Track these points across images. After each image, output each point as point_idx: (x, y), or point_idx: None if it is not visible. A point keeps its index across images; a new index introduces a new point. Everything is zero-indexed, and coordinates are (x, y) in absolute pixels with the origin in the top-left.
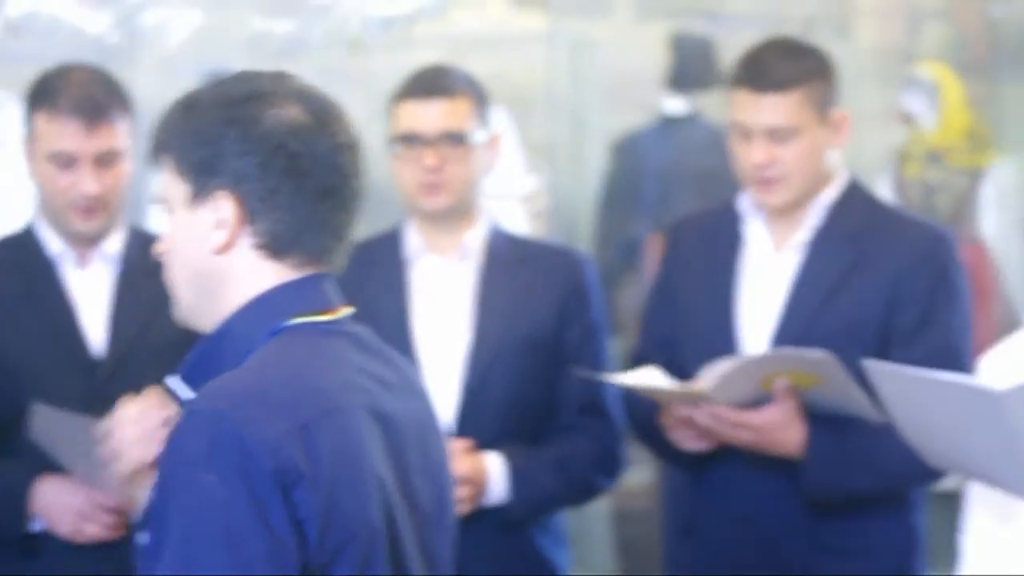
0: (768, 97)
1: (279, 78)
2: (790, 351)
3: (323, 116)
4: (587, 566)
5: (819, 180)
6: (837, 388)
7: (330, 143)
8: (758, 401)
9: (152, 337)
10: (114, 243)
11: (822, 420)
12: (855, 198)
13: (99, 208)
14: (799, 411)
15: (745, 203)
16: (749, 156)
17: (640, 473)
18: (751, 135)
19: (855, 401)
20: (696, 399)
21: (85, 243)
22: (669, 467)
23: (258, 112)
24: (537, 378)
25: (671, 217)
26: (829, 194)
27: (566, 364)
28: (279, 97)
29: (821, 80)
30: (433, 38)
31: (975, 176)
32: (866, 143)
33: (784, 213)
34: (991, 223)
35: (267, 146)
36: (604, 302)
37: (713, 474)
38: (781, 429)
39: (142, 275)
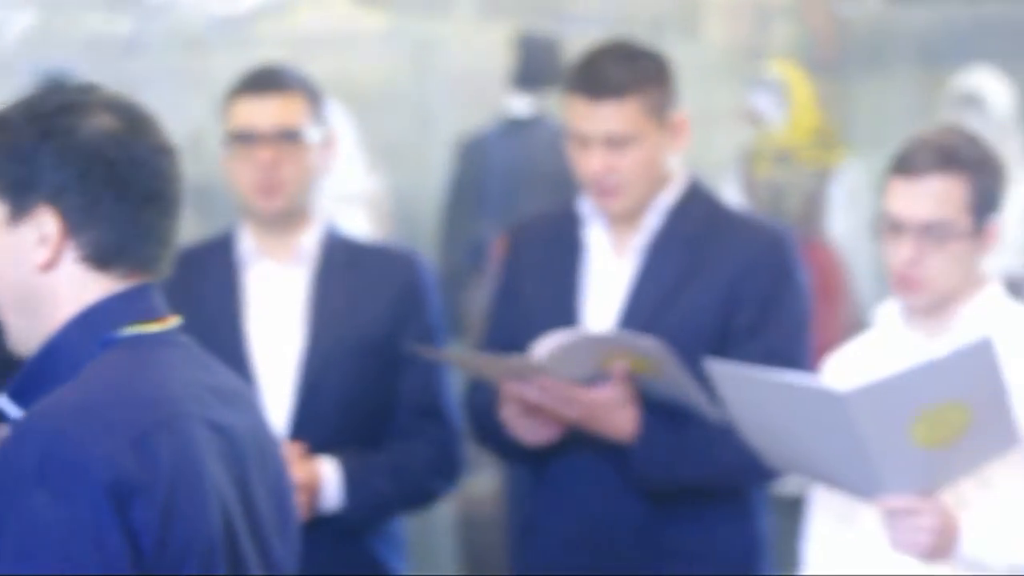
0: (604, 105)
1: (87, 89)
2: (625, 334)
3: (137, 123)
4: (431, 573)
5: (658, 184)
6: (673, 380)
7: (147, 149)
8: (595, 382)
9: None
10: None
11: (656, 408)
12: (695, 201)
13: None
14: (633, 395)
15: (586, 207)
16: (587, 164)
17: (485, 478)
18: (588, 143)
19: (691, 396)
20: (530, 372)
21: None
22: (512, 467)
23: (72, 123)
24: (372, 382)
25: (517, 219)
26: (668, 197)
27: (401, 367)
28: (91, 107)
29: (658, 84)
30: (275, 37)
31: (824, 176)
32: (715, 143)
33: (624, 218)
34: (840, 223)
35: (85, 156)
36: (445, 304)
37: (555, 472)
38: (613, 409)
39: None
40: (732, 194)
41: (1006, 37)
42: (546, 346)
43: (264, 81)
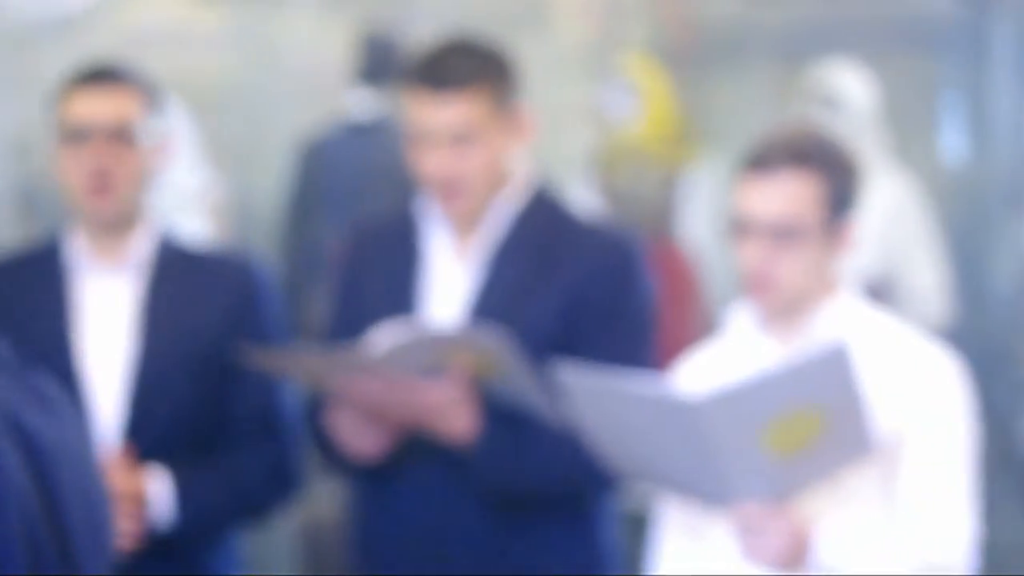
0: (445, 97)
1: None
2: (468, 330)
3: None
4: None
5: (500, 182)
6: (515, 380)
7: None
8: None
9: None
10: None
11: (498, 411)
12: (541, 207)
13: None
14: (473, 394)
15: (424, 210)
16: (428, 163)
17: (329, 492)
18: (429, 139)
19: (533, 398)
20: (365, 366)
21: None
22: (351, 479)
23: None
24: (206, 392)
25: (356, 221)
26: (513, 203)
27: (236, 377)
28: None
29: (501, 79)
30: (108, 35)
31: (677, 177)
32: (565, 144)
33: (465, 221)
34: (695, 225)
35: None
36: (285, 311)
37: (393, 484)
38: (451, 407)
39: None
40: (583, 199)
41: (869, 32)
42: (383, 340)
43: (98, 76)
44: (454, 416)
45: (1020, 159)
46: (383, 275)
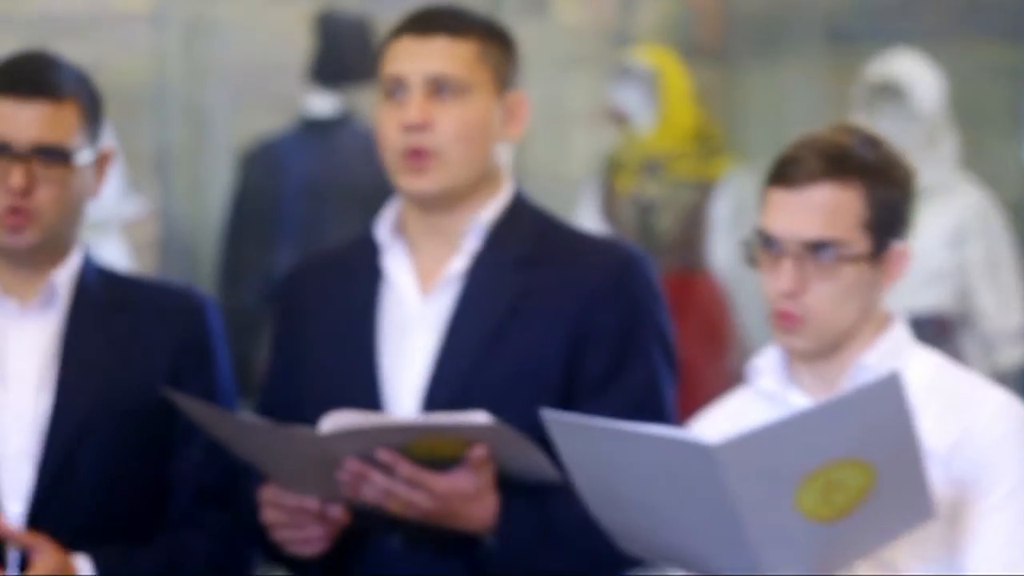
0: (433, 40)
1: None
2: (443, 418)
3: None
4: None
5: (481, 169)
6: (510, 452)
7: None
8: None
9: None
10: None
11: (513, 488)
12: (521, 216)
13: None
14: (494, 480)
15: (384, 229)
16: (398, 117)
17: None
18: (406, 89)
19: (533, 464)
20: (314, 447)
21: None
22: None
23: None
24: (140, 456)
25: (305, 253)
26: (490, 210)
27: (179, 437)
28: None
29: (500, 44)
30: (10, 19)
31: (704, 189)
32: (567, 148)
33: (433, 229)
34: (723, 248)
35: None
36: (231, 356)
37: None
38: (472, 501)
39: None
40: (588, 212)
41: (936, 14)
42: (337, 421)
43: (28, 80)
44: (472, 510)
45: None
46: (335, 312)
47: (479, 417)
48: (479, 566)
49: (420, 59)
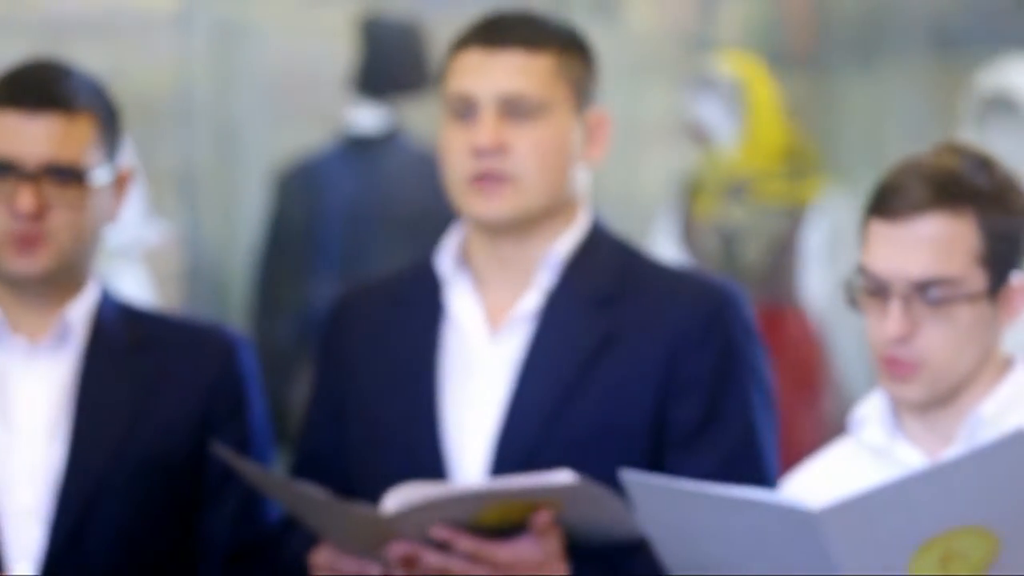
0: (507, 54)
1: None
2: (521, 481)
3: None
4: None
5: (559, 204)
6: (590, 512)
7: None
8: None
9: None
10: None
11: (585, 555)
12: (600, 247)
13: None
14: (563, 548)
15: (447, 260)
16: (468, 139)
17: None
18: (476, 109)
19: (617, 523)
20: (375, 525)
21: None
22: None
23: None
24: (163, 515)
25: (354, 281)
26: (566, 242)
27: (210, 493)
28: None
29: (579, 56)
30: (15, 22)
31: (795, 215)
32: (641, 168)
33: (503, 262)
34: (817, 280)
35: None
36: (267, 400)
37: None
38: (538, 570)
39: None
40: (665, 239)
41: None
42: (403, 496)
43: (37, 91)
44: (542, 573)
45: None
46: (389, 354)
47: (563, 476)
48: None
49: (492, 75)
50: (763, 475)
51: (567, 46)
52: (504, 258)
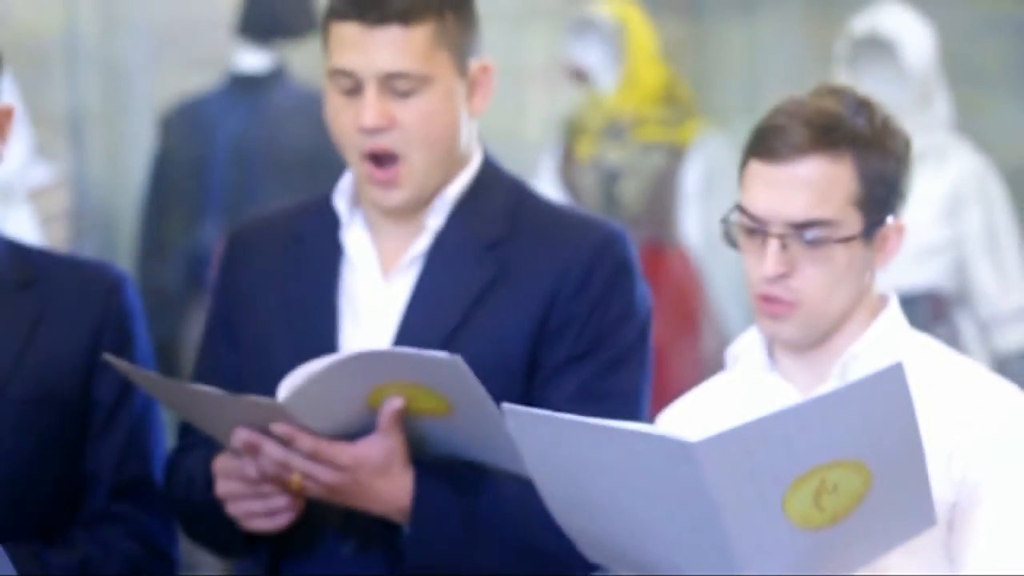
0: (384, 31)
1: None
2: (404, 351)
3: None
4: None
5: (453, 156)
6: (472, 419)
7: None
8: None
9: None
10: None
11: (436, 466)
12: (490, 187)
13: None
14: (407, 448)
15: (343, 198)
16: (355, 118)
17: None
18: (359, 87)
19: (497, 443)
20: (271, 417)
21: None
22: (237, 564)
23: None
24: (52, 450)
25: (243, 218)
26: (457, 185)
27: (96, 428)
28: None
29: (458, 16)
30: None
31: (673, 155)
32: (522, 110)
33: (402, 213)
34: (695, 220)
35: None
36: (152, 337)
37: (294, 568)
38: (379, 474)
39: None
40: (545, 179)
41: None
42: (293, 381)
43: None
44: (382, 486)
45: None
46: (284, 290)
47: (445, 354)
48: (399, 559)
49: (371, 54)
50: (629, 410)
51: (444, 10)
52: (401, 208)
